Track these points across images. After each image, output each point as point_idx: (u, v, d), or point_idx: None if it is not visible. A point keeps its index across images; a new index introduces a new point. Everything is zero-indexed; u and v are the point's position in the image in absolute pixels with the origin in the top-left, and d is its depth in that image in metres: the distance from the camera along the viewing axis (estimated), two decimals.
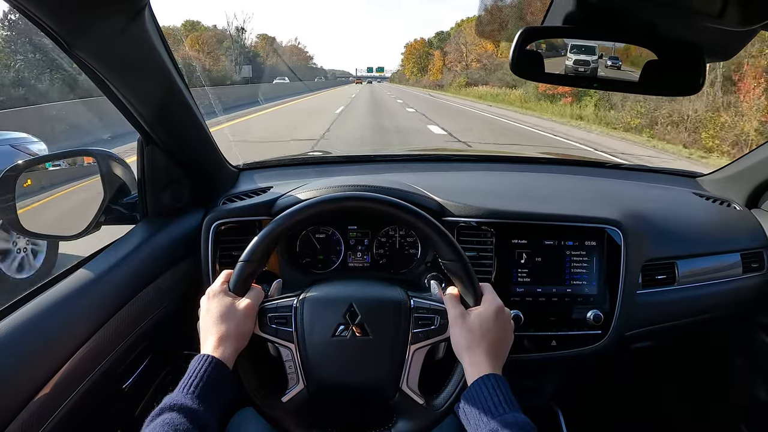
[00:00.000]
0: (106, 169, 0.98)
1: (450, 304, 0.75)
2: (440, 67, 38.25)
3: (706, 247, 1.17)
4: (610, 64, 0.78)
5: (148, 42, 0.74)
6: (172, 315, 0.97)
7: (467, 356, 0.70)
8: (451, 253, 0.76)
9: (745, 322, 1.30)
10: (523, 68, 0.76)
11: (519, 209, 1.05)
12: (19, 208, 0.91)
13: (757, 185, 1.29)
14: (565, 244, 1.03)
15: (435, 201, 1.05)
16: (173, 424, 0.59)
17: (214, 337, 0.70)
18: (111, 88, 0.77)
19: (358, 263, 1.07)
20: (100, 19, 0.64)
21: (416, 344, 0.74)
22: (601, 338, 1.03)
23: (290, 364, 0.75)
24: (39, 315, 0.73)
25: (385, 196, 0.79)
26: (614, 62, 0.78)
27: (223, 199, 1.08)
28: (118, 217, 1.00)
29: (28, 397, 0.66)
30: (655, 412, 1.56)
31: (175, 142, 0.96)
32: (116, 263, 0.87)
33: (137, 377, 0.91)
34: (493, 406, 0.64)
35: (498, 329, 0.72)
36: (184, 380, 0.65)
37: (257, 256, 0.76)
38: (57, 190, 1.10)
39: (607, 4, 0.64)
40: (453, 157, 1.56)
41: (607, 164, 1.56)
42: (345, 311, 0.76)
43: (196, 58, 31.93)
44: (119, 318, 0.83)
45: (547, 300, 1.02)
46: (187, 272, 1.01)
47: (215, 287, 0.76)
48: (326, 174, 1.27)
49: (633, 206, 1.14)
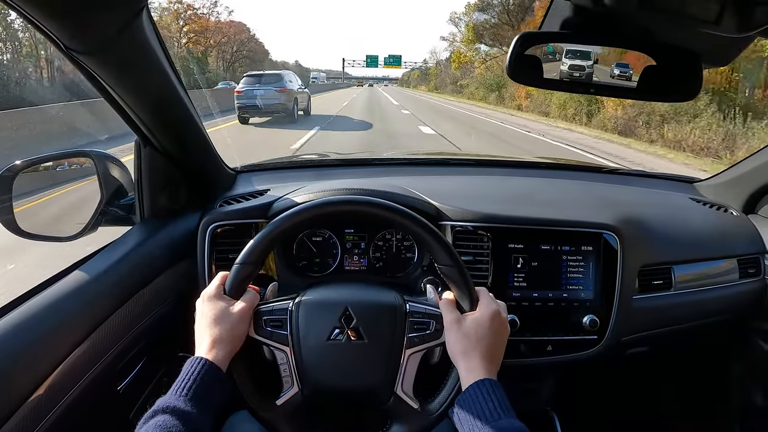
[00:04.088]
0: (103, 171, 0.97)
1: (445, 309, 0.74)
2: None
3: (703, 252, 1.18)
4: (618, 73, 0.77)
5: (146, 44, 0.74)
6: (168, 317, 0.97)
7: (462, 361, 0.70)
8: (447, 258, 0.76)
9: (741, 328, 1.30)
10: (520, 73, 0.76)
11: (515, 214, 1.05)
12: (15, 208, 0.90)
13: (753, 191, 1.30)
14: (561, 248, 1.03)
15: (431, 205, 1.05)
16: (166, 427, 0.58)
17: (209, 340, 0.70)
18: (108, 90, 0.77)
19: (355, 267, 1.07)
20: (98, 20, 0.64)
21: (411, 349, 0.74)
22: (597, 343, 1.03)
23: (285, 367, 0.74)
24: (34, 316, 0.72)
25: (382, 200, 0.79)
26: (623, 70, 0.77)
27: (220, 202, 1.08)
28: (115, 218, 1.00)
29: (23, 399, 0.66)
30: (651, 418, 1.56)
31: (173, 144, 0.96)
32: (112, 265, 0.87)
33: (132, 379, 0.91)
34: (488, 412, 0.64)
35: (493, 334, 0.72)
36: (178, 383, 0.65)
37: (253, 259, 0.76)
38: (54, 190, 1.10)
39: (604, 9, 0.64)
40: (450, 161, 1.56)
41: (604, 169, 1.56)
42: (340, 315, 0.75)
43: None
44: (115, 320, 0.83)
45: (543, 305, 1.02)
46: (183, 274, 1.01)
47: (210, 290, 0.76)
48: (323, 177, 1.27)
49: (630, 211, 1.14)
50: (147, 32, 0.72)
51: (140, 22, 0.69)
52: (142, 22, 0.70)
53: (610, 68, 0.77)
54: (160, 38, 0.77)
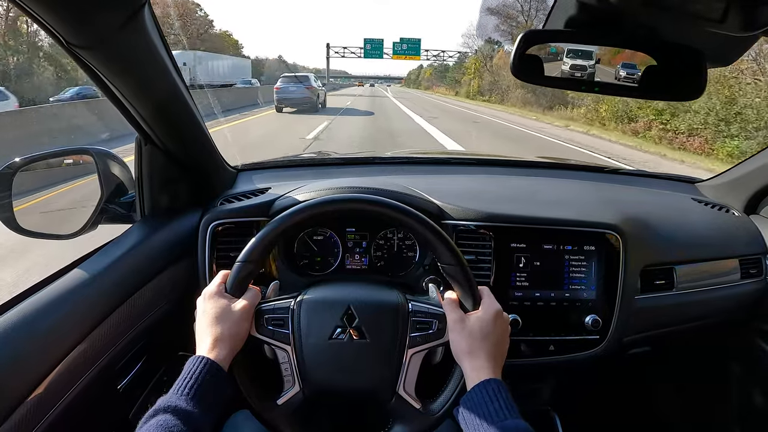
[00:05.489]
0: (104, 168, 0.97)
1: (449, 309, 0.74)
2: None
3: (705, 252, 1.17)
4: (625, 75, 0.76)
5: (148, 40, 0.73)
6: (169, 316, 0.96)
7: (468, 361, 0.70)
8: (450, 257, 0.76)
9: (743, 328, 1.30)
10: (523, 72, 0.76)
11: (518, 213, 1.04)
12: (15, 206, 0.90)
13: (755, 191, 1.30)
14: (564, 248, 1.03)
15: (434, 204, 1.05)
16: (167, 426, 0.58)
17: (210, 339, 0.70)
18: (110, 86, 0.77)
19: (356, 266, 1.07)
20: (99, 15, 0.63)
21: (413, 348, 0.74)
22: (599, 343, 1.03)
23: (286, 366, 0.74)
24: (34, 314, 0.72)
25: (384, 198, 0.79)
26: (630, 72, 0.75)
27: (221, 200, 1.08)
28: (115, 216, 0.99)
29: (22, 397, 0.66)
30: (653, 418, 1.56)
31: (174, 142, 0.96)
32: (113, 263, 0.86)
33: (132, 378, 0.90)
34: (494, 412, 0.63)
35: (497, 333, 0.72)
36: (179, 382, 0.64)
37: (255, 257, 0.76)
38: (54, 188, 1.10)
39: (608, 8, 0.64)
40: (452, 160, 1.56)
41: (607, 169, 1.56)
42: (342, 314, 0.75)
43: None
44: (115, 318, 0.83)
45: (546, 304, 1.02)
46: (184, 273, 1.00)
47: (211, 288, 0.75)
48: (325, 176, 1.27)
49: (632, 211, 1.13)
50: (149, 28, 0.72)
51: (142, 17, 0.69)
52: (143, 18, 0.69)
53: (616, 69, 0.76)
54: (162, 34, 0.77)
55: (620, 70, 0.77)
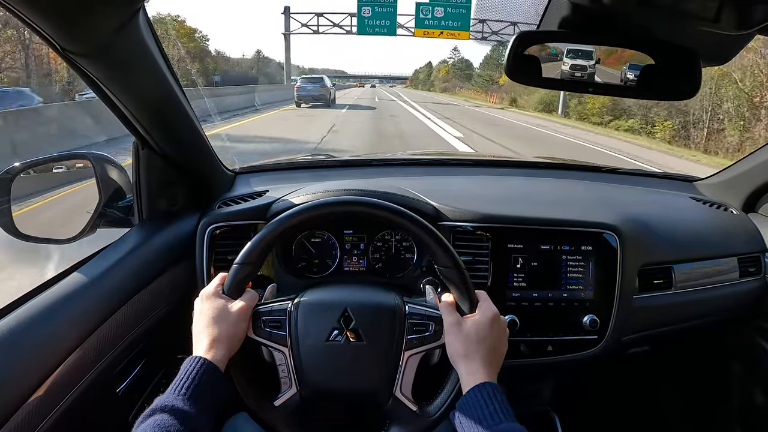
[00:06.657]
0: (102, 172, 0.97)
1: (445, 312, 0.74)
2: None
3: (703, 251, 1.17)
4: (632, 77, 0.74)
5: (143, 45, 0.73)
6: (167, 319, 0.96)
7: (463, 364, 0.70)
8: (447, 260, 0.76)
9: (742, 327, 1.29)
10: (519, 73, 0.76)
11: (515, 213, 1.04)
12: (14, 211, 0.90)
13: (754, 190, 1.29)
14: (561, 248, 1.03)
15: (431, 205, 1.05)
16: (164, 426, 0.58)
17: (207, 339, 0.70)
18: (106, 91, 0.77)
19: (354, 268, 1.07)
20: (94, 22, 0.63)
21: (410, 350, 0.74)
22: (598, 343, 1.03)
23: (283, 368, 0.74)
24: (32, 318, 0.72)
25: (381, 200, 0.79)
26: (638, 74, 0.74)
27: (219, 203, 1.08)
28: (113, 220, 0.99)
29: (22, 401, 0.66)
30: (652, 417, 1.55)
31: (171, 146, 0.96)
32: (111, 267, 0.87)
33: (131, 381, 0.90)
34: (489, 415, 0.63)
35: (494, 337, 0.72)
36: (176, 382, 0.65)
37: (252, 259, 0.76)
38: (53, 193, 1.10)
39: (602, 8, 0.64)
40: (449, 162, 1.56)
41: (604, 168, 1.56)
42: (339, 316, 0.75)
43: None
44: (114, 321, 0.83)
45: (543, 305, 1.02)
46: (182, 276, 1.00)
47: (209, 289, 0.76)
48: (322, 178, 1.27)
49: (630, 211, 1.13)
50: (144, 33, 0.72)
51: (137, 23, 0.69)
52: (138, 24, 0.69)
53: (622, 70, 0.76)
54: (158, 39, 0.77)
55: (626, 71, 0.76)
